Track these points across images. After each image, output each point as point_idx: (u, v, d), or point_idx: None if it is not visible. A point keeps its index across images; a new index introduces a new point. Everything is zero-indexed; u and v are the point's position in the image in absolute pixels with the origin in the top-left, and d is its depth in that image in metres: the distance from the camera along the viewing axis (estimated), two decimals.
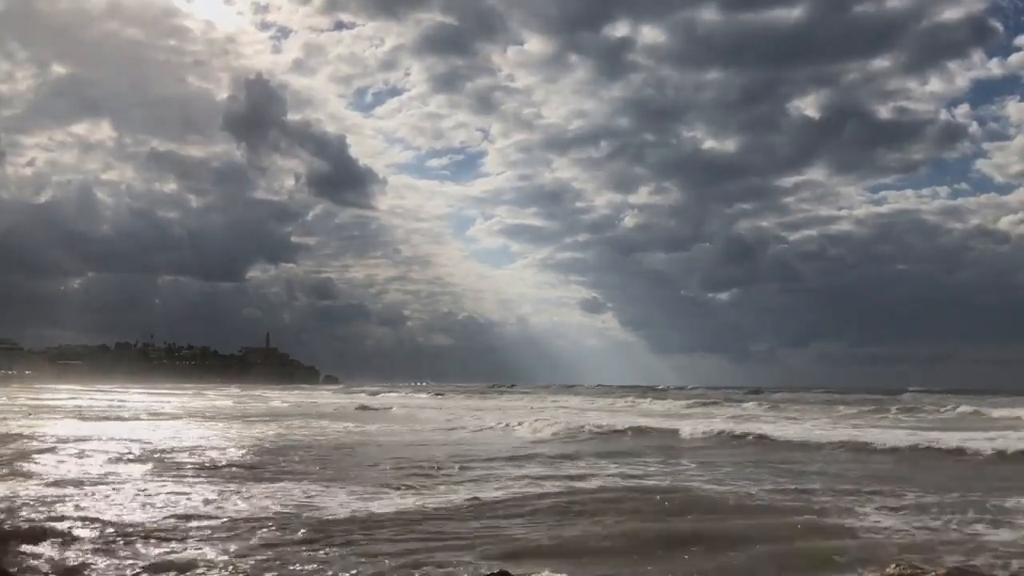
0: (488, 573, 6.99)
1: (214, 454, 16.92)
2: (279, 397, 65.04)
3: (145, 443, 19.03)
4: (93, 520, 9.37)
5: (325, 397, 69.46)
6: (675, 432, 23.70)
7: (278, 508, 10.50)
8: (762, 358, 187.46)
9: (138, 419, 30.26)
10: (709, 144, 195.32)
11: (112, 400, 50.35)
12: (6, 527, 8.87)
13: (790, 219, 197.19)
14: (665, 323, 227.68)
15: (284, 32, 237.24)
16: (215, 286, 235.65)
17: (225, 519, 9.72)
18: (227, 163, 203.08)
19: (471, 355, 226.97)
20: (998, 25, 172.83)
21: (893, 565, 6.77)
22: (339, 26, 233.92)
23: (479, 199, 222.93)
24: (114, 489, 11.78)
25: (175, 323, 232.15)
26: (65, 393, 63.37)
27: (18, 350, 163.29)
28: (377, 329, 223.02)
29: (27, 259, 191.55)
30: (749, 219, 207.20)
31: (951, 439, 19.43)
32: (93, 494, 11.29)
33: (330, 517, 10.00)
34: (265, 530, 9.19)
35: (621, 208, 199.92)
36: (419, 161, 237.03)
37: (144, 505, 10.61)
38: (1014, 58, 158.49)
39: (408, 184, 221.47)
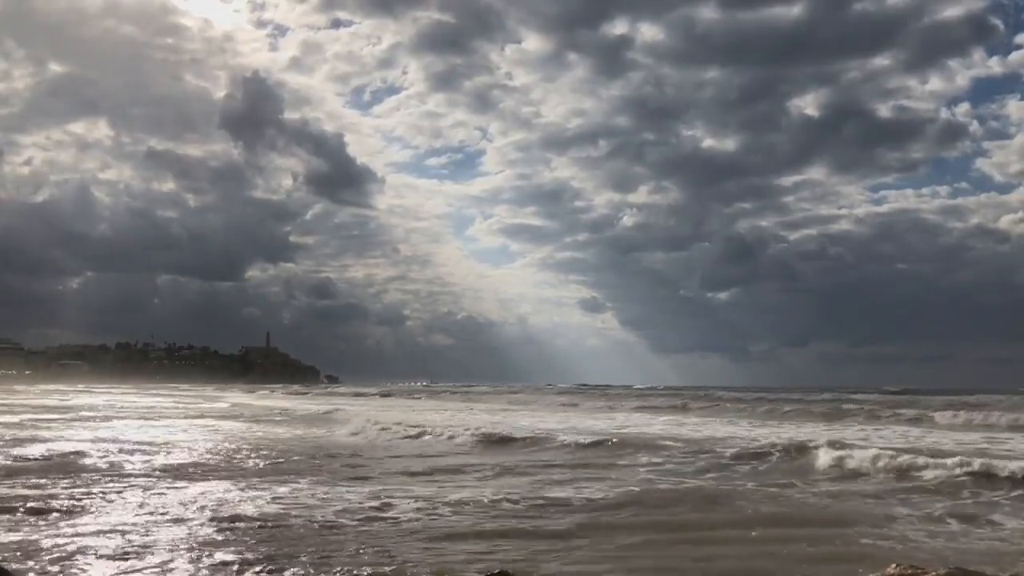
0: (488, 573, 7.07)
1: None
2: (235, 398, 65.52)
3: None
4: None
5: (268, 399, 69.92)
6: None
7: None
8: (762, 358, 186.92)
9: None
10: (708, 143, 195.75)
11: (56, 401, 50.96)
12: None
13: (790, 218, 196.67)
14: (665, 323, 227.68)
15: (281, 30, 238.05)
16: (214, 286, 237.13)
17: None
18: (225, 162, 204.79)
19: (471, 355, 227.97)
20: (998, 23, 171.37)
21: (893, 565, 6.58)
22: (336, 24, 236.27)
23: (478, 198, 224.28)
24: None
25: (175, 323, 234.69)
26: (20, 395, 64.57)
27: (18, 350, 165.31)
28: (377, 329, 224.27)
29: (25, 259, 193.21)
30: (749, 218, 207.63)
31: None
32: None
33: None
34: None
35: (620, 207, 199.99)
36: (418, 160, 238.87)
37: None
38: (1014, 56, 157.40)
39: (407, 183, 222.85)
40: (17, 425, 25.91)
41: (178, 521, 10.00)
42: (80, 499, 11.36)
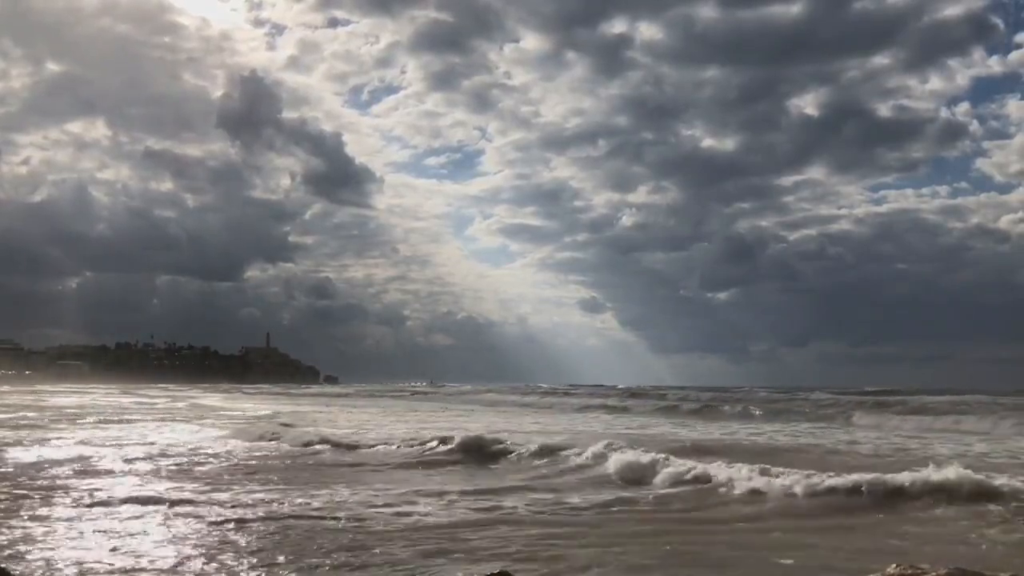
0: (488, 573, 7.15)
1: None
2: (204, 400, 65.46)
3: None
4: None
5: (237, 400, 70.19)
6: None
7: None
8: (762, 358, 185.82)
9: None
10: (708, 143, 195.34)
11: (30, 400, 50.99)
12: None
13: (789, 218, 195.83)
14: (664, 323, 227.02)
15: (279, 29, 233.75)
16: (213, 286, 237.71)
17: None
18: (223, 162, 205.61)
19: (471, 355, 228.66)
20: (998, 22, 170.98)
21: (893, 565, 6.48)
22: (333, 23, 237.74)
23: (477, 198, 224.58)
24: None
25: (174, 323, 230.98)
26: None
27: (18, 350, 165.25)
28: (377, 329, 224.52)
29: (23, 259, 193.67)
30: (748, 218, 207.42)
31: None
32: None
33: None
34: None
35: (620, 207, 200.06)
36: (416, 160, 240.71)
37: None
38: (1014, 56, 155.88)
39: (406, 183, 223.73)
40: None
41: None
42: None
